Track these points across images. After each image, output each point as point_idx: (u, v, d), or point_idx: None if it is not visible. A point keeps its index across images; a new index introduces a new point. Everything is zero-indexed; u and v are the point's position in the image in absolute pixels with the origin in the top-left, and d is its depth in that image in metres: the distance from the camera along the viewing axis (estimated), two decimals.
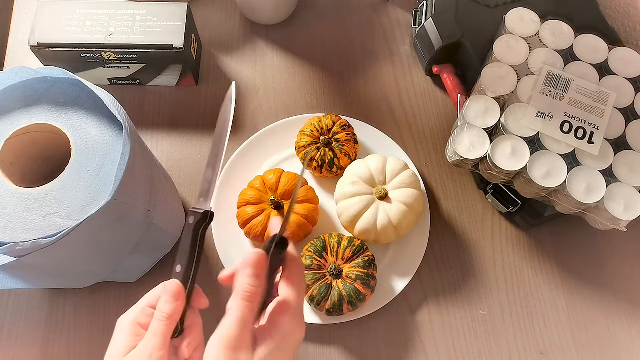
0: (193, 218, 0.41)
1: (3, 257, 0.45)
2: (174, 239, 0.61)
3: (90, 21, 0.63)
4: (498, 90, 0.59)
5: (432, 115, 0.71)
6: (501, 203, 0.62)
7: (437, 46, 0.66)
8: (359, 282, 0.55)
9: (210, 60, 0.73)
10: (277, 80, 0.72)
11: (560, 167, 0.55)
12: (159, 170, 0.55)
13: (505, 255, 0.64)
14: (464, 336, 0.60)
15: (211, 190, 0.44)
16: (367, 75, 0.73)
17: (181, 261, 0.41)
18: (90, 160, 0.46)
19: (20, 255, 0.44)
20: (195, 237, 0.41)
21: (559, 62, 0.60)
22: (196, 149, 0.68)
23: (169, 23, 0.63)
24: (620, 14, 0.73)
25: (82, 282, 0.58)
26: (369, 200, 0.58)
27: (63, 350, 0.58)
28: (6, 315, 0.59)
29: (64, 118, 0.48)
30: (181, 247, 0.41)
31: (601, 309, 0.62)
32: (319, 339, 0.59)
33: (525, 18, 0.63)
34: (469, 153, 0.57)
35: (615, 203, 0.54)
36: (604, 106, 0.58)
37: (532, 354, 0.60)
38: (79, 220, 0.44)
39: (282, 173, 0.60)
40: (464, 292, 0.62)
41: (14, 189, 0.45)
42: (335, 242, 0.57)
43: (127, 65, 0.66)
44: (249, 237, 0.59)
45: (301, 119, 0.67)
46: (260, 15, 0.73)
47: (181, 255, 0.41)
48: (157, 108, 0.70)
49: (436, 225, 0.65)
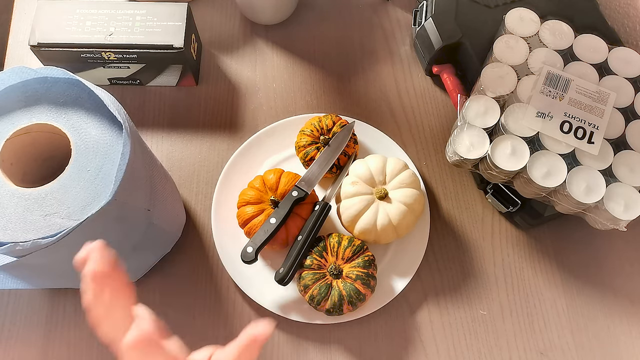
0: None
1: (3, 258, 0.45)
2: (174, 238, 0.61)
3: (90, 21, 0.63)
4: (498, 90, 0.59)
5: (432, 115, 0.71)
6: (501, 203, 0.62)
7: (437, 46, 0.66)
8: (359, 282, 0.55)
9: (210, 60, 0.73)
10: (277, 80, 0.72)
11: (560, 167, 0.55)
12: (159, 169, 0.55)
13: (505, 255, 0.64)
14: (464, 336, 0.60)
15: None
16: (367, 75, 0.73)
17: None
18: (90, 160, 0.46)
19: (20, 255, 0.44)
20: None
21: (559, 62, 0.60)
22: (196, 149, 0.68)
23: (169, 23, 0.63)
24: (620, 14, 0.73)
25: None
26: (369, 200, 0.58)
27: (63, 351, 0.58)
28: (6, 315, 0.59)
29: (64, 118, 0.48)
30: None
31: (601, 309, 0.62)
32: (319, 339, 0.59)
33: (525, 18, 0.63)
34: (468, 153, 0.57)
35: (615, 203, 0.54)
36: (604, 106, 0.58)
37: (532, 354, 0.60)
38: (79, 220, 0.44)
39: (282, 173, 0.60)
40: (464, 292, 0.62)
41: (14, 189, 0.45)
42: (335, 242, 0.57)
43: (127, 65, 0.66)
44: (249, 237, 0.59)
45: (301, 119, 0.67)
46: (260, 15, 0.73)
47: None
48: (157, 108, 0.70)
49: (436, 225, 0.65)
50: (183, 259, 0.63)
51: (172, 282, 0.61)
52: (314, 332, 0.59)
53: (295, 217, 0.59)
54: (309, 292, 0.56)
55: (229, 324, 0.60)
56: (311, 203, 0.60)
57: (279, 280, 0.56)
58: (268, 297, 0.59)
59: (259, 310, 0.60)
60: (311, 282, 0.56)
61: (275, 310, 0.59)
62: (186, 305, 0.61)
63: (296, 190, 0.58)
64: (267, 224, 0.57)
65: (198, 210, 0.65)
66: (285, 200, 0.58)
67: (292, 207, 0.58)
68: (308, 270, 0.56)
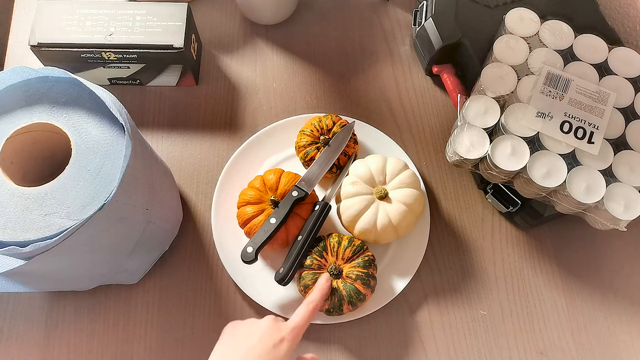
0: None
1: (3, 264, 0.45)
2: (171, 236, 0.61)
3: (90, 21, 0.63)
4: (498, 90, 0.59)
5: (432, 115, 0.71)
6: (501, 203, 0.62)
7: (437, 46, 0.66)
8: (359, 282, 0.55)
9: (210, 60, 0.73)
10: (277, 80, 0.72)
11: (560, 167, 0.55)
12: (159, 167, 0.55)
13: (505, 255, 0.64)
14: (464, 336, 0.60)
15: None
16: (367, 75, 0.73)
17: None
18: (90, 160, 0.46)
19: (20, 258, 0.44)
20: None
21: (559, 62, 0.60)
22: (196, 148, 0.68)
23: (169, 23, 0.63)
24: (620, 14, 0.73)
25: (84, 286, 0.58)
26: (369, 200, 0.58)
27: (63, 351, 0.58)
28: (6, 315, 0.59)
29: (65, 117, 0.48)
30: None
31: (601, 309, 0.62)
32: (319, 339, 0.59)
33: (525, 18, 0.63)
34: (468, 153, 0.57)
35: (615, 203, 0.54)
36: (604, 106, 0.58)
37: (532, 354, 0.60)
38: (78, 220, 0.44)
39: (282, 173, 0.60)
40: (464, 292, 0.62)
41: (14, 188, 0.45)
42: (335, 242, 0.57)
43: (127, 65, 0.66)
44: (249, 237, 0.59)
45: (301, 119, 0.67)
46: (260, 15, 0.73)
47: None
48: (157, 108, 0.70)
49: (436, 225, 0.65)
50: (183, 259, 0.62)
51: (172, 282, 0.61)
52: (314, 332, 0.59)
53: (295, 217, 0.59)
54: (309, 292, 0.56)
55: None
56: (311, 203, 0.60)
57: (279, 280, 0.56)
58: (268, 297, 0.59)
59: (259, 310, 0.60)
60: (311, 282, 0.56)
61: (275, 310, 0.59)
62: (186, 305, 0.61)
63: (296, 190, 0.58)
64: (267, 224, 0.57)
65: (198, 210, 0.65)
66: (285, 200, 0.58)
67: (292, 207, 0.58)
68: (308, 270, 0.56)
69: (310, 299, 0.52)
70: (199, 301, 0.61)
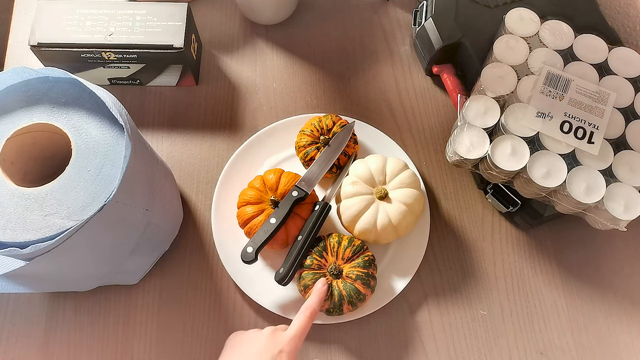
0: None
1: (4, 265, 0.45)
2: (171, 236, 0.61)
3: (90, 21, 0.63)
4: (498, 90, 0.59)
5: (432, 115, 0.71)
6: (501, 203, 0.62)
7: (437, 46, 0.66)
8: (359, 282, 0.55)
9: (210, 60, 0.73)
10: (277, 80, 0.72)
11: (560, 167, 0.55)
12: (160, 167, 0.55)
13: (505, 255, 0.64)
14: (464, 336, 0.60)
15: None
16: (367, 75, 0.73)
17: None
18: (90, 160, 0.46)
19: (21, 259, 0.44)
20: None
21: (559, 62, 0.60)
22: (196, 148, 0.68)
23: (169, 23, 0.63)
24: (620, 14, 0.73)
25: (84, 286, 0.58)
26: (369, 200, 0.58)
27: (63, 352, 0.58)
28: (6, 316, 0.59)
29: (65, 118, 0.48)
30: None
31: (601, 309, 0.62)
32: (319, 339, 0.59)
33: (525, 18, 0.63)
34: (468, 153, 0.57)
35: (615, 203, 0.54)
36: (604, 106, 0.58)
37: (532, 354, 0.60)
38: (78, 220, 0.44)
39: (282, 173, 0.60)
40: (464, 292, 0.62)
41: (14, 189, 0.45)
42: (335, 242, 0.57)
43: (127, 65, 0.66)
44: (249, 237, 0.59)
45: (301, 119, 0.67)
46: (260, 15, 0.73)
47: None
48: (157, 108, 0.70)
49: (436, 225, 0.65)
50: (183, 259, 0.62)
51: (172, 282, 0.61)
52: (314, 332, 0.59)
53: (295, 217, 0.59)
54: (309, 292, 0.56)
55: (229, 324, 0.60)
56: (311, 203, 0.60)
57: (279, 280, 0.56)
58: (268, 297, 0.59)
59: (259, 310, 0.60)
60: (311, 282, 0.56)
61: (275, 310, 0.59)
62: (186, 305, 0.61)
63: (296, 190, 0.58)
64: (267, 224, 0.57)
65: (198, 210, 0.65)
66: (285, 200, 0.58)
67: (292, 207, 0.58)
68: (308, 270, 0.56)
69: (307, 305, 0.52)
70: (199, 301, 0.61)
